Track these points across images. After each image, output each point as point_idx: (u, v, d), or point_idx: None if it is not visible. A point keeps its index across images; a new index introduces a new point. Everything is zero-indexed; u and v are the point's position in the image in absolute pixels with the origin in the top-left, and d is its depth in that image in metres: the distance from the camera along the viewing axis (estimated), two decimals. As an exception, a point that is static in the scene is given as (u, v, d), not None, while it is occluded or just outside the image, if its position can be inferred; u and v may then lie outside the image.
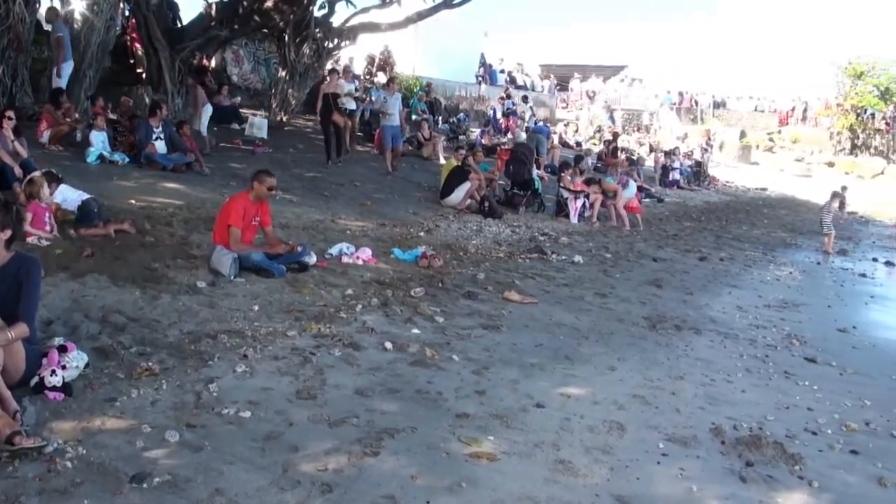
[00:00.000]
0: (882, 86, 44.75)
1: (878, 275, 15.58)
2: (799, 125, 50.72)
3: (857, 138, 46.02)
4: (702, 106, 50.34)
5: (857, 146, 45.89)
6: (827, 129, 47.76)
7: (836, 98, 47.11)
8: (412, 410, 5.41)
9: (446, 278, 9.69)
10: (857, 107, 45.22)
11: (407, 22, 23.30)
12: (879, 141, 45.92)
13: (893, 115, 46.17)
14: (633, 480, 4.79)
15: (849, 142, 46.03)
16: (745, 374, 7.45)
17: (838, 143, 46.31)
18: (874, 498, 5.09)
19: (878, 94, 44.82)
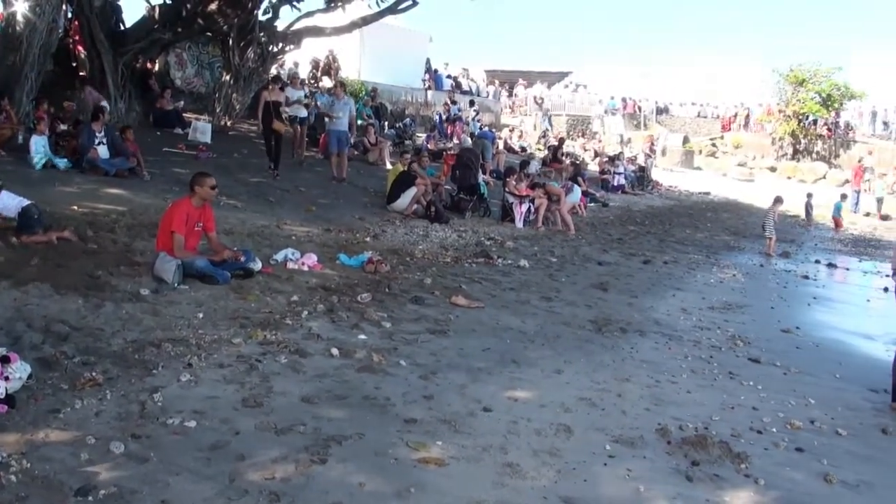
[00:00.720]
0: (824, 93, 45.73)
1: (820, 276, 15.90)
2: (741, 131, 51.68)
3: (799, 144, 47.01)
4: (645, 112, 50.93)
5: (799, 151, 46.88)
6: (769, 134, 48.73)
7: (777, 105, 48.04)
8: (359, 417, 5.38)
9: (393, 283, 9.66)
10: (799, 113, 46.17)
11: (352, 26, 23.24)
12: (821, 146, 46.97)
13: (835, 122, 47.32)
14: (581, 482, 4.82)
15: (791, 147, 47.00)
16: (690, 375, 7.56)
17: (780, 148, 47.27)
18: (820, 495, 5.20)
19: (819, 101, 45.80)
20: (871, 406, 7.46)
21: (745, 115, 52.66)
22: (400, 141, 25.17)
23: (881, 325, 11.21)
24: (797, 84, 45.91)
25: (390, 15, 23.72)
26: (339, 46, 29.20)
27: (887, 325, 10.65)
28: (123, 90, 18.18)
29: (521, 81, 48.28)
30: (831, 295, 13.99)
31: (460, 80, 38.93)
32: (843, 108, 47.81)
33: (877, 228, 27.65)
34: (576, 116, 46.07)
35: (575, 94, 49.26)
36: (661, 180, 33.52)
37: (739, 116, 52.85)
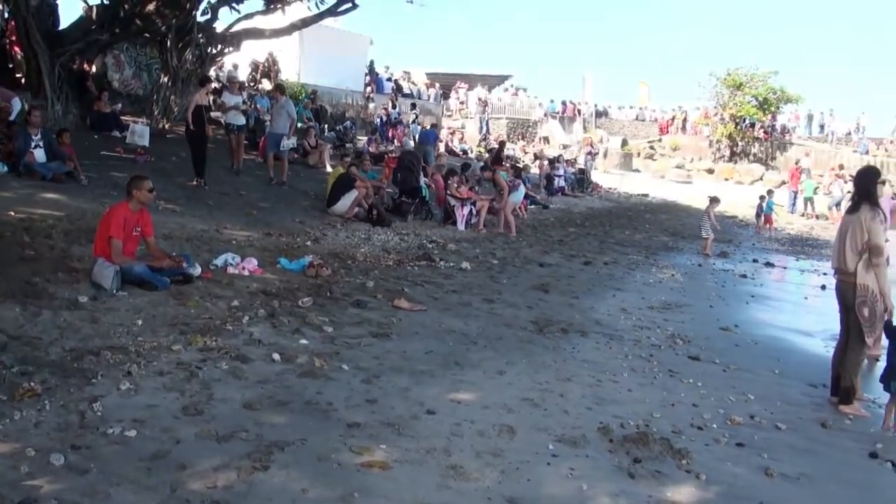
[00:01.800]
0: (760, 96, 46.77)
1: (758, 275, 16.15)
2: (679, 134, 52.59)
3: (736, 146, 48.03)
4: (584, 115, 51.41)
5: (736, 154, 47.89)
6: (706, 137, 49.66)
7: (715, 108, 48.93)
8: (302, 422, 5.34)
9: (334, 287, 9.61)
10: (736, 116, 47.12)
11: (291, 28, 23.13)
12: (758, 149, 48.06)
13: (772, 125, 48.40)
14: (524, 482, 4.84)
15: (728, 150, 47.97)
16: (631, 374, 7.63)
17: (718, 150, 48.22)
18: (761, 488, 5.28)
19: (756, 105, 46.80)
20: (811, 400, 7.62)
21: (682, 118, 53.65)
22: (340, 144, 25.07)
23: (819, 322, 11.44)
24: (734, 88, 46.97)
25: (330, 17, 23.64)
26: (278, 49, 29.02)
27: (825, 322, 10.85)
28: (60, 92, 17.84)
29: (461, 84, 48.41)
30: (769, 293, 14.24)
31: (401, 83, 38.93)
32: (780, 111, 49.11)
33: (813, 228, 28.24)
34: (516, 119, 46.35)
35: (515, 97, 49.52)
36: (601, 182, 33.86)
37: (677, 119, 53.83)
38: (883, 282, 7.17)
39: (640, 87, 57.80)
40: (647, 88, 57.57)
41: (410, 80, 41.95)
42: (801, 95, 48.76)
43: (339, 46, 32.86)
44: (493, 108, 45.70)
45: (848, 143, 50.53)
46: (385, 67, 40.44)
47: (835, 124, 53.35)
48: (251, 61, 29.15)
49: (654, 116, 56.32)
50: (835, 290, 7.72)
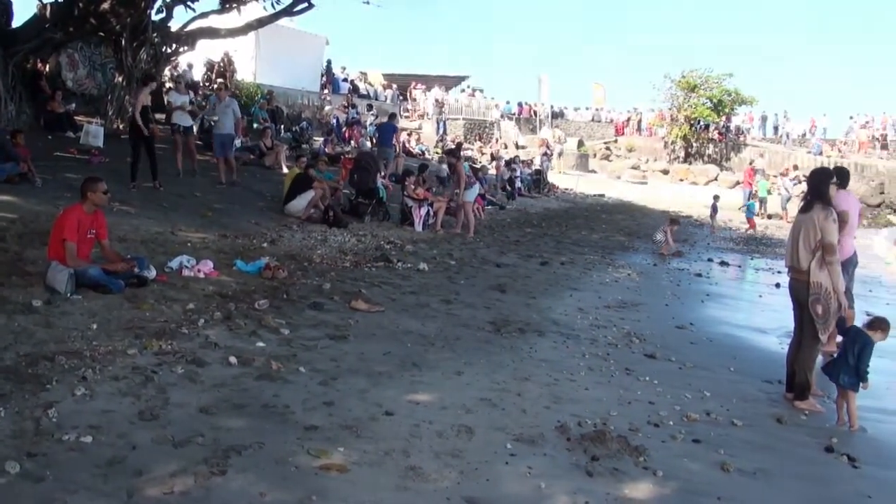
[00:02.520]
0: (715, 98, 47.46)
1: (713, 274, 16.34)
2: (634, 135, 53.12)
3: (690, 147, 48.64)
4: (540, 116, 51.66)
5: (691, 154, 48.50)
6: (661, 138, 50.23)
7: (670, 109, 49.47)
8: (259, 426, 5.30)
9: (291, 289, 9.56)
10: (690, 118, 47.71)
11: (247, 28, 22.99)
12: (713, 150, 48.74)
13: (726, 126, 49.10)
14: (483, 482, 4.85)
15: (683, 150, 48.55)
16: (588, 373, 7.68)
17: (673, 151, 48.78)
18: (717, 483, 5.35)
19: (711, 106, 47.45)
20: (766, 397, 7.74)
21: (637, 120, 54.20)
22: (297, 144, 24.97)
23: (774, 320, 11.57)
24: (689, 90, 47.63)
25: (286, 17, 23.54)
26: (234, 48, 28.79)
27: (780, 320, 10.99)
28: (14, 92, 17.57)
29: (418, 85, 48.39)
30: (724, 292, 14.40)
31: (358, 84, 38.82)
32: (734, 112, 49.87)
33: (768, 227, 28.60)
34: (473, 120, 46.42)
35: (472, 98, 49.62)
36: (557, 183, 34.03)
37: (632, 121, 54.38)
38: (836, 279, 7.29)
39: (595, 88, 58.23)
40: (602, 90, 58.02)
41: (367, 80, 41.87)
42: (755, 97, 49.69)
43: (295, 47, 32.71)
44: (450, 108, 45.74)
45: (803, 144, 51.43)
46: (342, 68, 40.37)
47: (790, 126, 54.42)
48: (206, 61, 28.90)
49: (609, 118, 56.83)
50: (788, 288, 7.85)
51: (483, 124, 46.93)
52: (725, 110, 48.59)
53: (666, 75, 49.41)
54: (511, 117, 50.90)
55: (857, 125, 52.44)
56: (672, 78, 48.85)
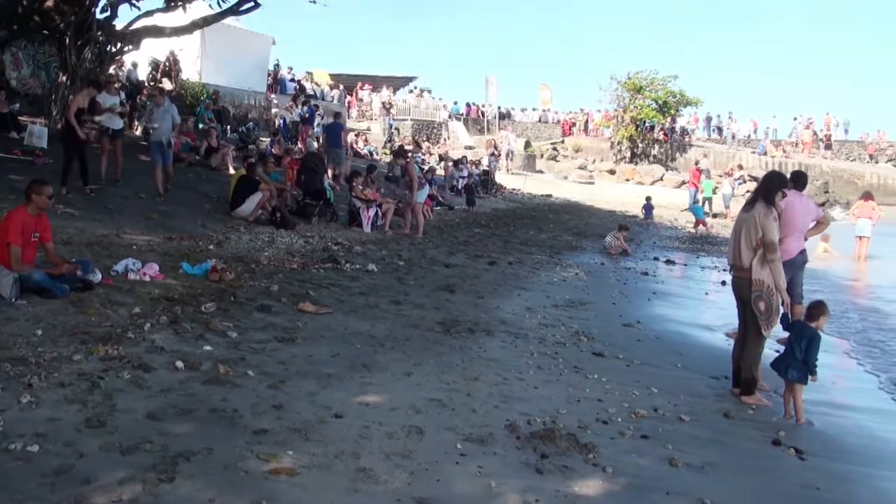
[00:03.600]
0: (660, 100, 48.14)
1: (659, 272, 16.55)
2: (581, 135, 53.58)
3: (637, 148, 49.25)
4: (488, 116, 51.85)
5: (637, 155, 49.12)
6: (608, 139, 50.79)
7: (616, 110, 50.00)
8: (207, 431, 5.25)
9: (238, 292, 9.48)
10: (636, 119, 48.29)
11: (192, 27, 22.70)
12: (658, 150, 49.42)
13: (671, 127, 49.80)
14: (434, 482, 4.87)
15: (629, 151, 49.13)
16: (537, 371, 7.75)
17: (619, 152, 49.34)
18: (666, 478, 5.43)
19: (656, 108, 48.08)
20: (713, 392, 7.89)
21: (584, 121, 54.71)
22: (243, 145, 24.73)
23: (719, 317, 11.77)
24: (635, 91, 48.22)
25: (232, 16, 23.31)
26: (179, 48, 28.41)
27: (725, 317, 11.17)
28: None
29: (366, 86, 48.26)
30: (670, 290, 14.58)
31: (304, 84, 38.59)
32: (679, 114, 50.64)
33: (713, 226, 28.98)
34: (421, 121, 46.45)
35: (420, 98, 49.62)
36: (505, 183, 34.16)
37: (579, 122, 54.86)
38: (778, 277, 7.44)
39: (542, 90, 58.54)
40: (549, 91, 58.36)
41: (313, 80, 41.63)
42: (700, 99, 50.44)
43: (242, 46, 32.34)
44: (397, 109, 45.69)
45: (748, 145, 52.47)
46: (288, 68, 40.06)
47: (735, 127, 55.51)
48: (151, 60, 28.48)
49: (556, 118, 57.21)
50: (732, 286, 7.99)
51: (431, 125, 46.98)
52: (671, 111, 49.37)
53: (612, 77, 50.08)
54: (459, 118, 51.03)
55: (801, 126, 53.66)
56: (618, 79, 49.51)
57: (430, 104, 50.06)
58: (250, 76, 33.27)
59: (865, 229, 20.96)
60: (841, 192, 41.19)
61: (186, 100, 26.99)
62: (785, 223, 8.17)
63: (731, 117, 57.45)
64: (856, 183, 42.80)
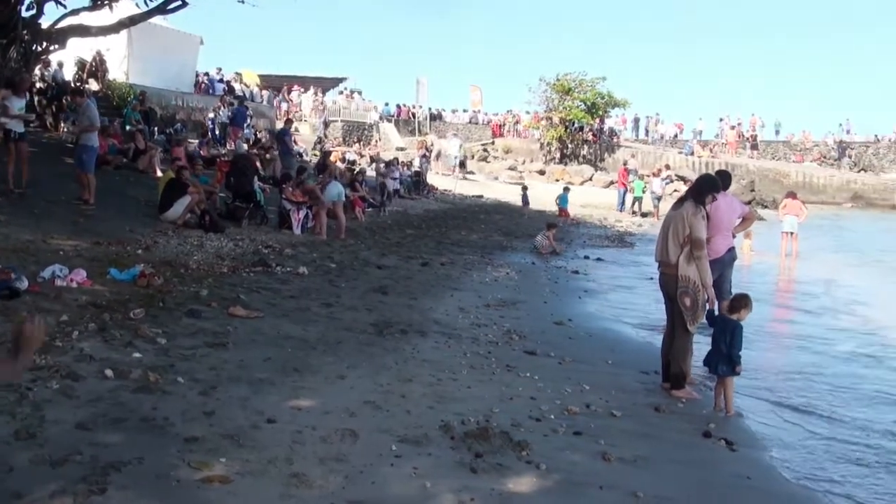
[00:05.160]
0: (589, 101, 48.75)
1: (589, 271, 16.78)
2: (511, 137, 54.01)
3: (566, 148, 49.79)
4: (419, 118, 51.93)
5: (566, 156, 49.66)
6: (537, 140, 51.26)
7: (545, 112, 50.47)
8: (138, 440, 5.18)
9: (167, 297, 9.34)
10: (565, 120, 48.83)
11: (119, 26, 22.27)
12: (587, 151, 50.05)
13: (600, 128, 50.52)
14: (369, 485, 4.89)
15: (559, 152, 49.65)
16: (470, 371, 7.82)
17: (549, 153, 49.83)
18: (599, 473, 5.54)
19: (585, 109, 48.67)
20: (643, 387, 8.06)
21: (514, 122, 55.16)
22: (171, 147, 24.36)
23: (648, 313, 12.02)
24: (563, 93, 48.73)
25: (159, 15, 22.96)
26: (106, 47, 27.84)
27: (654, 313, 11.39)
28: None
29: (295, 87, 47.95)
30: (600, 288, 14.81)
31: (233, 85, 38.20)
32: (608, 115, 51.36)
33: (641, 225, 29.43)
34: (352, 122, 46.32)
35: (350, 99, 49.46)
36: (436, 184, 34.24)
37: (509, 123, 55.29)
38: (704, 274, 7.62)
39: (472, 91, 58.79)
40: (479, 92, 58.63)
41: (242, 81, 41.23)
42: (627, 100, 51.20)
43: (169, 46, 31.82)
44: (328, 110, 45.48)
45: (675, 145, 53.53)
46: (217, 68, 39.65)
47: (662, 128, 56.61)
48: (77, 60, 27.87)
49: (486, 119, 57.52)
50: (659, 282, 8.16)
51: (362, 126, 46.88)
52: (599, 112, 50.05)
53: (541, 78, 50.56)
54: (390, 119, 51.02)
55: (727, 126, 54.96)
56: (547, 81, 49.97)
57: (361, 105, 49.96)
58: (178, 76, 32.81)
59: (792, 225, 21.53)
60: (767, 190, 42.17)
61: (113, 100, 26.52)
62: (711, 223, 8.36)
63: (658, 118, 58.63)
64: (781, 182, 43.99)
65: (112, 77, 28.45)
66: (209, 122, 29.66)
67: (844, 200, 45.77)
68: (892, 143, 57.29)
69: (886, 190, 46.99)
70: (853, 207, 44.29)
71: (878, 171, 54.26)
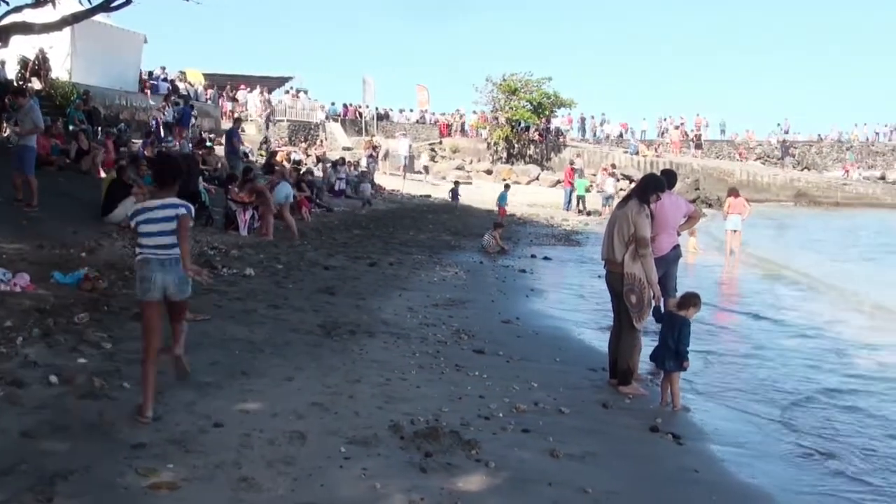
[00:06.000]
0: (535, 101, 49.01)
1: (536, 269, 16.94)
2: (458, 136, 54.15)
3: (513, 148, 50.05)
4: (366, 117, 51.81)
5: (513, 155, 49.92)
6: (484, 140, 51.49)
7: (492, 112, 50.69)
8: (85, 447, 5.12)
9: (112, 300, 9.24)
10: (512, 120, 49.07)
11: (62, 24, 21.84)
12: (534, 150, 50.39)
13: (546, 127, 50.87)
14: (318, 487, 4.89)
15: (505, 151, 49.89)
16: (419, 371, 7.85)
17: (496, 152, 50.04)
18: (548, 469, 5.60)
19: (531, 109, 48.94)
20: (591, 384, 8.18)
21: (461, 122, 55.34)
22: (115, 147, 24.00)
23: (595, 311, 12.19)
24: (510, 93, 48.95)
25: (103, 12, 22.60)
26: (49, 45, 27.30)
27: (601, 310, 11.54)
28: None
29: (241, 86, 47.53)
30: (547, 286, 14.95)
31: (178, 84, 37.77)
32: (554, 115, 51.72)
33: (588, 224, 29.69)
34: (298, 122, 46.05)
35: (296, 99, 49.17)
36: (384, 184, 34.21)
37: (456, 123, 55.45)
38: (649, 271, 7.76)
39: (419, 91, 58.74)
40: (426, 92, 58.59)
41: (187, 80, 40.78)
42: (573, 100, 51.64)
43: (113, 44, 31.31)
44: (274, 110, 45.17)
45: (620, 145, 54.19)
46: (161, 67, 39.16)
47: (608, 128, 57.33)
48: (20, 58, 27.32)
49: (434, 119, 57.56)
50: (605, 280, 8.30)
51: (308, 126, 46.63)
52: (545, 112, 50.36)
53: (488, 78, 50.71)
54: (336, 119, 50.84)
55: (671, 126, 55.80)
56: (493, 81, 50.14)
57: (307, 105, 49.66)
58: (122, 75, 32.33)
59: (736, 224, 21.91)
60: (711, 189, 42.76)
61: (56, 100, 26.04)
62: (656, 221, 8.51)
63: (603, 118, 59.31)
64: (726, 180, 44.58)
65: (55, 76, 27.93)
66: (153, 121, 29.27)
67: (788, 198, 46.76)
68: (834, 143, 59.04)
69: (830, 188, 48.33)
70: (797, 205, 45.24)
71: (822, 170, 55.95)
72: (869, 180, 52.71)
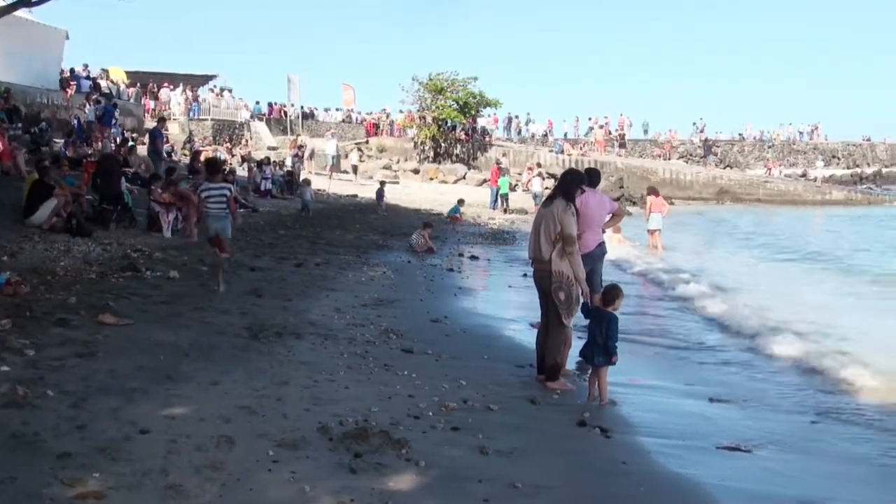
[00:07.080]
0: (461, 101, 49.30)
1: (464, 268, 17.10)
2: (385, 136, 54.23)
3: (439, 147, 50.26)
4: (291, 117, 51.51)
5: (440, 154, 50.13)
6: (411, 139, 51.63)
7: (418, 111, 50.82)
8: (8, 459, 4.99)
9: (34, 306, 9.02)
10: (438, 119, 49.28)
11: (-19, 19, 21.37)
12: (460, 150, 50.68)
13: (472, 127, 51.23)
14: (246, 492, 4.86)
15: (432, 151, 50.09)
16: (347, 371, 7.86)
17: (423, 151, 50.22)
18: (478, 466, 5.67)
19: (457, 108, 49.20)
20: (519, 380, 8.31)
21: (388, 121, 55.44)
22: (36, 147, 23.45)
23: (522, 308, 12.31)
24: (436, 92, 49.17)
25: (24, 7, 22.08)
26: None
27: (528, 308, 11.65)
28: None
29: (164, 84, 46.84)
30: (475, 284, 15.12)
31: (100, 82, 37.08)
32: (480, 114, 52.11)
33: (514, 222, 29.94)
34: (222, 121, 45.57)
35: (220, 98, 48.64)
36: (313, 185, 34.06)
37: (383, 122, 55.54)
38: (577, 268, 7.91)
39: (345, 90, 58.56)
40: (352, 91, 58.46)
41: (109, 78, 40.07)
42: (499, 100, 52.07)
43: (33, 40, 30.55)
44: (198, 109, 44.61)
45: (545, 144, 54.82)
46: (84, 65, 38.43)
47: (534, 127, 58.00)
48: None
49: (360, 118, 57.53)
50: (533, 278, 8.43)
51: (233, 125, 46.19)
52: (471, 112, 50.68)
53: (414, 78, 50.84)
54: (261, 118, 50.45)
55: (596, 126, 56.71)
56: (420, 80, 50.29)
57: (231, 104, 49.21)
58: (43, 72, 31.58)
59: (657, 222, 22.38)
60: (635, 187, 43.47)
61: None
62: (582, 219, 8.67)
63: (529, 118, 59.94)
64: (649, 179, 45.39)
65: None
66: (75, 120, 28.66)
67: (711, 196, 47.78)
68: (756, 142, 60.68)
69: (751, 185, 49.60)
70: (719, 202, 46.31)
71: (744, 168, 57.42)
72: (790, 178, 54.36)
